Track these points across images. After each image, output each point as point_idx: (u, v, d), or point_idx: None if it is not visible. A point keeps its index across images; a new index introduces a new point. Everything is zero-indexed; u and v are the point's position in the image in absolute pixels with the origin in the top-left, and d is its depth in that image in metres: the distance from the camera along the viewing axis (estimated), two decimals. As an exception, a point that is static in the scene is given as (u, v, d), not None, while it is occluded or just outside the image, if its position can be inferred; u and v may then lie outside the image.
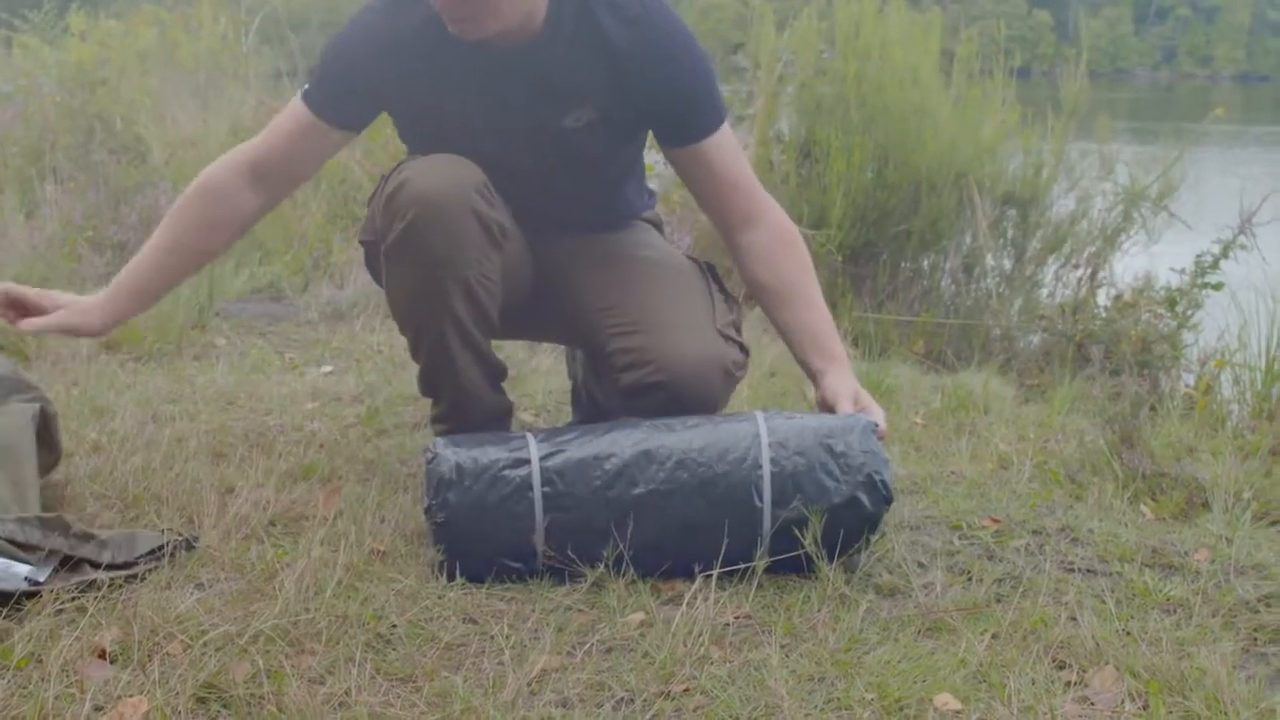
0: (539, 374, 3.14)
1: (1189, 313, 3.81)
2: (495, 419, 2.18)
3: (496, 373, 2.18)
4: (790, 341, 2.13)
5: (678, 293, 2.16)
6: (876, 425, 1.92)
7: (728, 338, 2.11)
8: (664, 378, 2.04)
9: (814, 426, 1.88)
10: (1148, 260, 4.18)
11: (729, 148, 2.13)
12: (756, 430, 1.86)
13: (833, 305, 4.07)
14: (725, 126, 2.11)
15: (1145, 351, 3.59)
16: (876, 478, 1.85)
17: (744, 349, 2.15)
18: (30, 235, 4.94)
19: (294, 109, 2.09)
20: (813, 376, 2.10)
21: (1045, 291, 4.34)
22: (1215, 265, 3.75)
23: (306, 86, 2.09)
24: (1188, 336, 3.86)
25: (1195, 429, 3.11)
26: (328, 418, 2.68)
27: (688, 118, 2.09)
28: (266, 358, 3.22)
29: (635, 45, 2.01)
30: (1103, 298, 4.15)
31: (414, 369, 2.16)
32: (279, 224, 4.88)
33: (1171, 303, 3.77)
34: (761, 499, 1.82)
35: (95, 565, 1.74)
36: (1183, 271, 3.82)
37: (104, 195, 4.81)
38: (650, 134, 2.18)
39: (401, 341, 2.13)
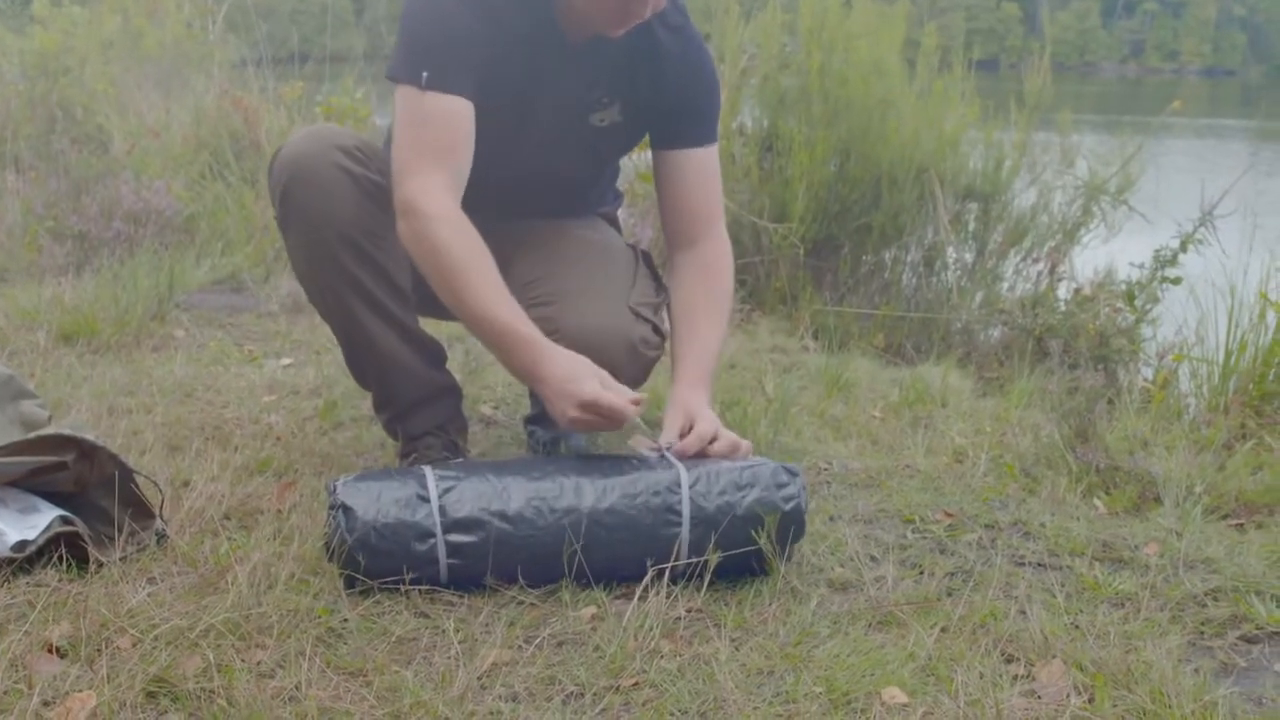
0: (497, 365, 3.13)
1: (1147, 307, 3.84)
2: (434, 395, 2.18)
3: (430, 351, 2.18)
4: (672, 354, 2.13)
5: (598, 269, 2.18)
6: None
7: (639, 315, 2.12)
8: (566, 344, 1.97)
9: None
10: (1108, 254, 4.21)
11: (711, 168, 2.18)
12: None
13: (793, 298, 4.10)
14: (713, 149, 2.18)
15: (1103, 346, 3.62)
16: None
17: (658, 330, 2.15)
18: (-11, 225, 4.90)
19: (446, 107, 1.96)
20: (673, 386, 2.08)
21: (1006, 285, 4.36)
22: (1174, 260, 3.78)
23: (425, 74, 1.94)
24: (1146, 330, 3.89)
25: (1152, 423, 3.14)
26: (285, 410, 2.67)
27: (692, 126, 2.15)
28: (226, 350, 3.21)
29: (675, 49, 2.09)
30: (1063, 291, 4.17)
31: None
32: (241, 214, 4.86)
33: (1130, 297, 3.80)
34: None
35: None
36: (1142, 266, 3.85)
37: (65, 185, 4.76)
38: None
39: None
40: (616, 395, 1.86)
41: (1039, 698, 1.53)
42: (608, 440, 2.58)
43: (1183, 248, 3.72)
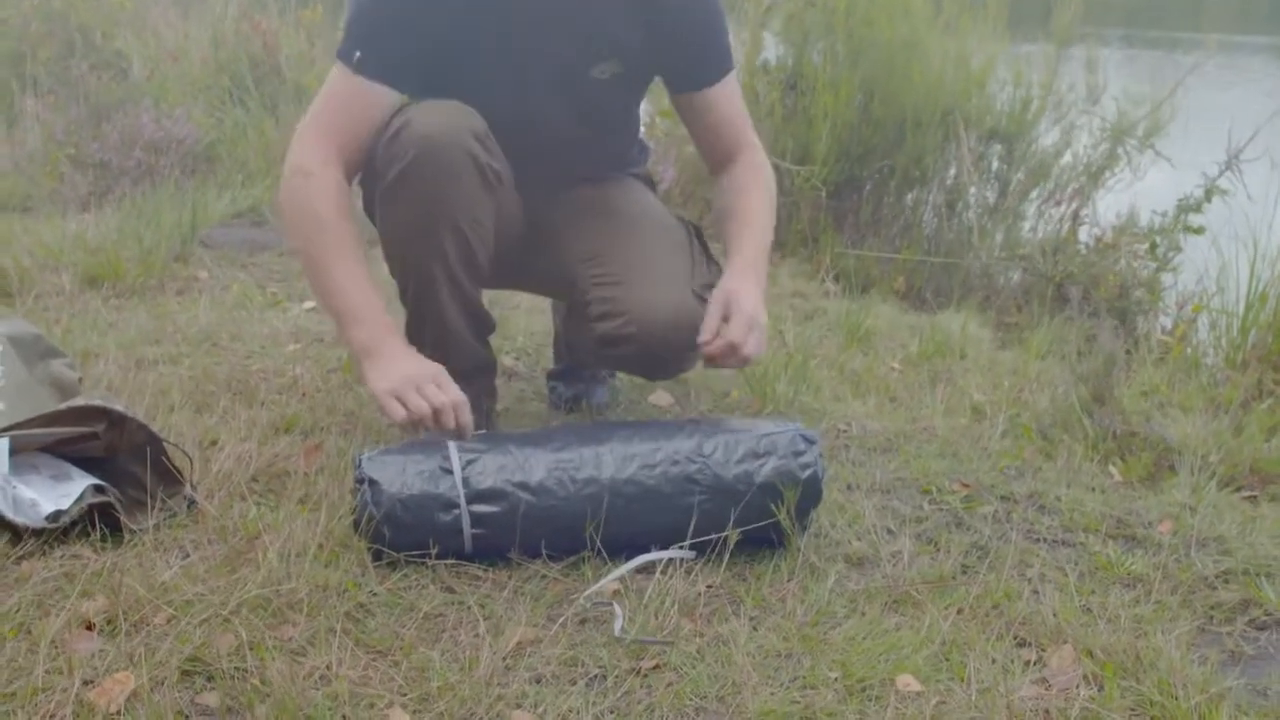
0: (519, 313, 3.15)
1: (1169, 255, 3.82)
2: (478, 370, 2.21)
3: (484, 325, 2.21)
4: (725, 243, 2.17)
5: (660, 249, 2.18)
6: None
7: (702, 299, 2.14)
8: (635, 330, 2.07)
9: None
10: (1132, 197, 4.18)
11: (733, 96, 2.22)
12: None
13: (814, 241, 4.10)
14: (732, 75, 2.20)
15: (1123, 298, 3.62)
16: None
17: None
18: (12, 151, 4.91)
19: (367, 92, 2.02)
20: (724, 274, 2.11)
21: (1027, 225, 4.34)
22: (1197, 208, 3.76)
23: (358, 55, 2.01)
24: (1166, 279, 3.88)
25: (1169, 376, 3.16)
26: (309, 361, 2.70)
27: (701, 63, 2.17)
28: (249, 293, 3.23)
29: None
30: (1084, 235, 4.15)
31: (395, 309, 2.18)
32: (261, 142, 4.86)
33: (1152, 246, 3.78)
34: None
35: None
36: (1164, 214, 3.83)
37: (85, 111, 4.76)
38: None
39: (383, 277, 2.14)
40: (446, 394, 1.92)
41: (1049, 686, 1.57)
42: (629, 397, 2.61)
43: (1207, 197, 3.70)
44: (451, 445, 1.83)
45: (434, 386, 1.92)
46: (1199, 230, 3.77)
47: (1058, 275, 3.84)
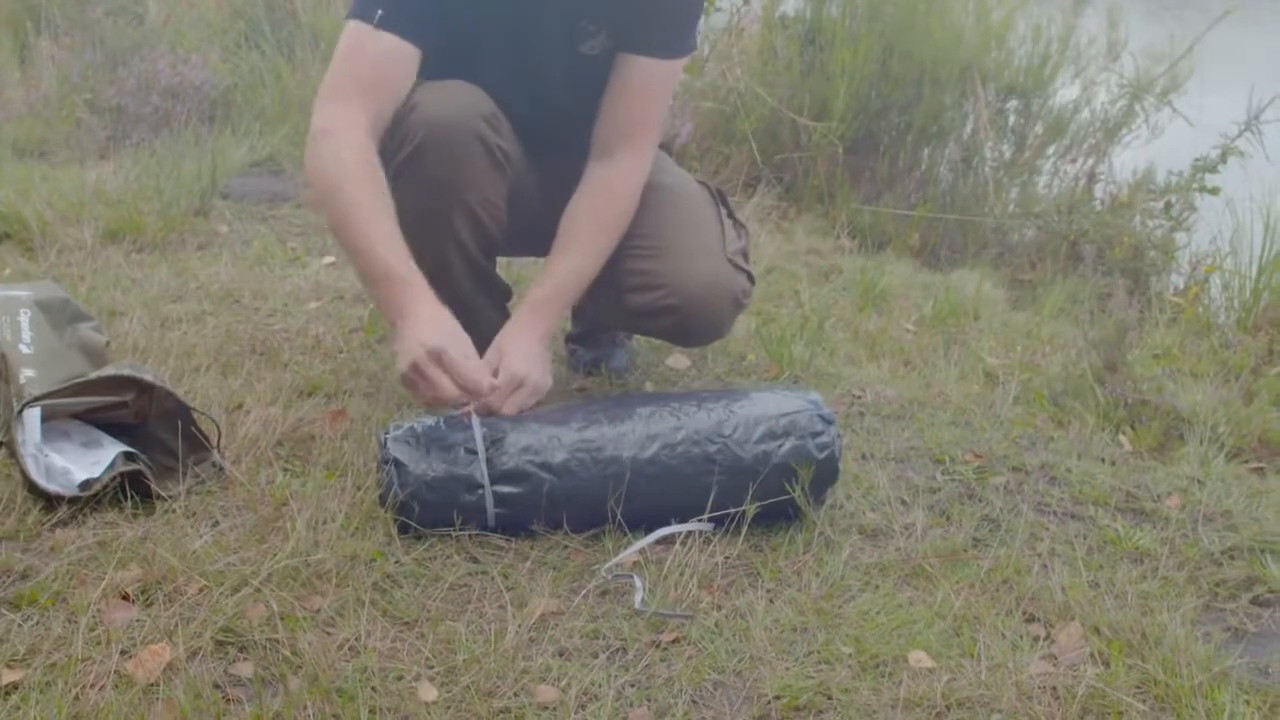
0: (535, 269, 3.17)
1: (1184, 215, 3.83)
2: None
3: (501, 294, 2.25)
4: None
5: (691, 219, 2.20)
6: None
7: (737, 266, 2.17)
8: (676, 302, 2.11)
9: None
10: (1149, 155, 4.17)
11: (658, 83, 2.14)
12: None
13: (830, 196, 4.10)
14: (672, 65, 2.13)
15: (1137, 259, 3.63)
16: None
17: (751, 278, 2.22)
18: (27, 94, 4.91)
19: (390, 46, 2.00)
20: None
21: (1043, 182, 4.34)
22: (1214, 169, 3.76)
23: (380, 12, 1.99)
24: (1180, 238, 3.89)
25: (1181, 338, 3.19)
26: (331, 320, 2.73)
27: (649, 32, 2.10)
28: (269, 248, 3.25)
29: None
30: (1099, 192, 4.16)
31: None
32: (278, 87, 4.85)
33: (1167, 206, 3.79)
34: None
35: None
36: (1180, 174, 3.83)
37: (100, 55, 4.75)
38: None
39: None
40: (471, 367, 1.89)
41: (1057, 663, 1.61)
42: (646, 359, 2.64)
43: (1223, 158, 3.70)
44: (475, 423, 1.87)
45: (437, 369, 1.86)
46: (1215, 190, 3.77)
47: (1072, 233, 3.85)
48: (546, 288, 2.09)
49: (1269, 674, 1.63)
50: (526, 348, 2.02)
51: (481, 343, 2.17)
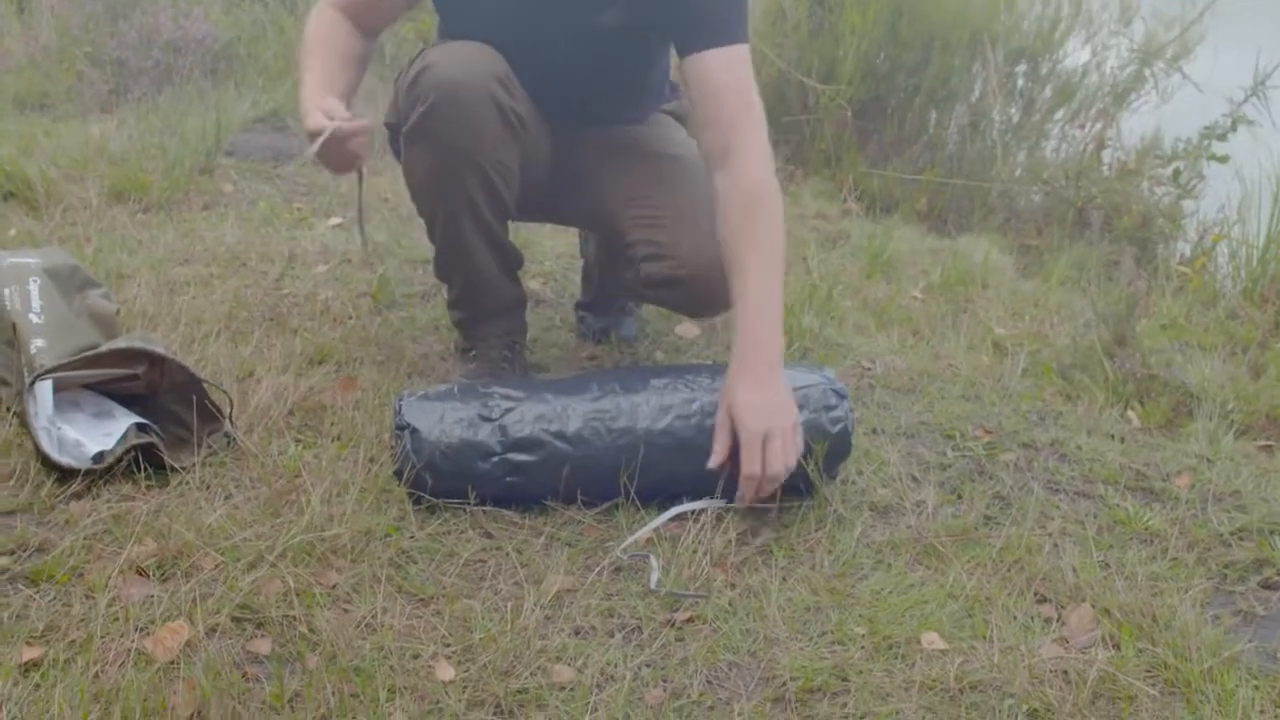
0: (544, 235, 3.17)
1: (1192, 183, 3.82)
2: (509, 307, 2.25)
3: (512, 261, 2.24)
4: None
5: (703, 192, 2.18)
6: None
7: None
8: (685, 273, 2.11)
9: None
10: (1157, 121, 4.15)
11: (735, 69, 2.01)
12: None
13: (838, 160, 4.08)
14: (739, 49, 2.01)
15: (1144, 228, 3.62)
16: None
17: None
18: (26, 44, 4.86)
19: None
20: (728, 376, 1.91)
21: (1050, 147, 4.32)
22: (1222, 137, 3.74)
23: None
24: (1188, 205, 3.88)
25: (1188, 308, 3.19)
26: (339, 284, 2.72)
27: (700, 22, 2.01)
28: (275, 209, 3.24)
29: None
30: (1107, 158, 4.14)
31: (423, 227, 2.20)
32: (280, 40, 4.81)
33: (1175, 174, 3.77)
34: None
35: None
36: (1188, 141, 3.81)
37: (101, 8, 4.71)
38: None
39: (407, 192, 2.17)
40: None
41: (1068, 646, 1.62)
42: (655, 328, 2.63)
43: (1233, 127, 3.68)
44: (495, 392, 1.87)
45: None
46: (1223, 158, 3.76)
47: (1079, 199, 3.84)
48: (745, 343, 1.88)
49: (1277, 659, 1.64)
50: (756, 400, 1.84)
51: (490, 312, 2.18)
